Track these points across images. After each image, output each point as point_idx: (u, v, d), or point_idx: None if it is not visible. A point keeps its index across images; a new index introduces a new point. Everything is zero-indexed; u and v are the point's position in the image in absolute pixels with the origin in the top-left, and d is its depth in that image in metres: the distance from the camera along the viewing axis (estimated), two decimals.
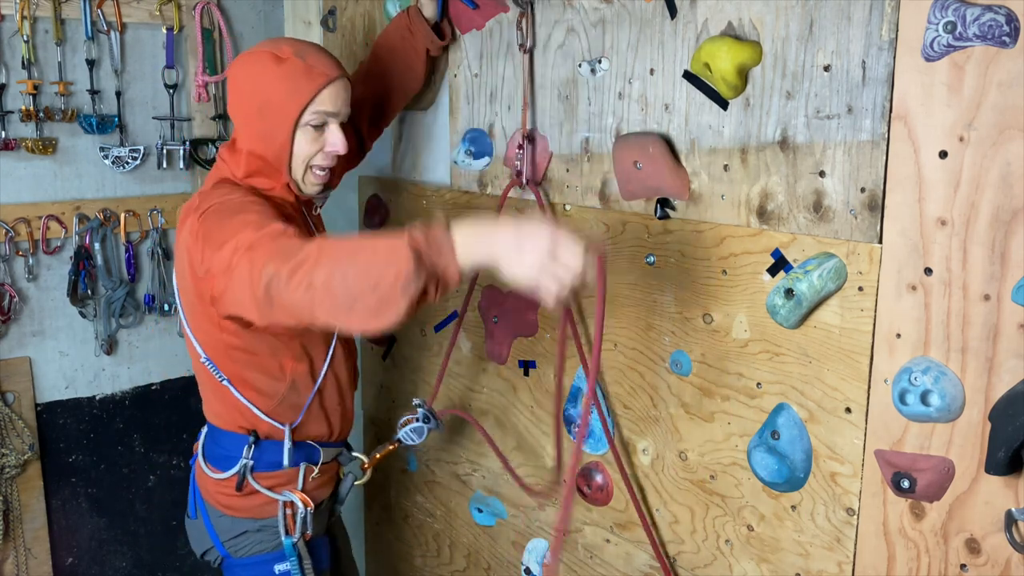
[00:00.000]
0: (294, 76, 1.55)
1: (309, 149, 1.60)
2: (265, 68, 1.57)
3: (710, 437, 1.57)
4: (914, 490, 1.26)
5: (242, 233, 1.37)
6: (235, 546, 1.73)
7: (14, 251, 2.31)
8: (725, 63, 1.40)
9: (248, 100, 1.59)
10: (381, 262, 1.21)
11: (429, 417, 1.91)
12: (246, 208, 1.48)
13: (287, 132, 1.57)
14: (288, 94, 1.55)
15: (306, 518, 1.70)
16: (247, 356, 1.63)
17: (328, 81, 1.57)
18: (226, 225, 1.43)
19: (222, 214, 1.48)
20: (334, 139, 1.60)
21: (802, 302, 1.34)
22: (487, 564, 2.16)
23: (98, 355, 2.49)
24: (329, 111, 1.59)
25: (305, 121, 1.57)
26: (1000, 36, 1.11)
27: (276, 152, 1.59)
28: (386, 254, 1.21)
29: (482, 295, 2.03)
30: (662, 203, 1.59)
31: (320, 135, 1.60)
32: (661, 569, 1.66)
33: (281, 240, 1.34)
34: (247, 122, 1.61)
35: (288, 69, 1.56)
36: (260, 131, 1.59)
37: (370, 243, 1.24)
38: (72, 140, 2.36)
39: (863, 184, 1.29)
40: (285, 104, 1.56)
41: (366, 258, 1.23)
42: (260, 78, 1.57)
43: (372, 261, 1.22)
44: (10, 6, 2.21)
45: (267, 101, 1.57)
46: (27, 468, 2.36)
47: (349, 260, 1.24)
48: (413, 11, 1.93)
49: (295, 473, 1.72)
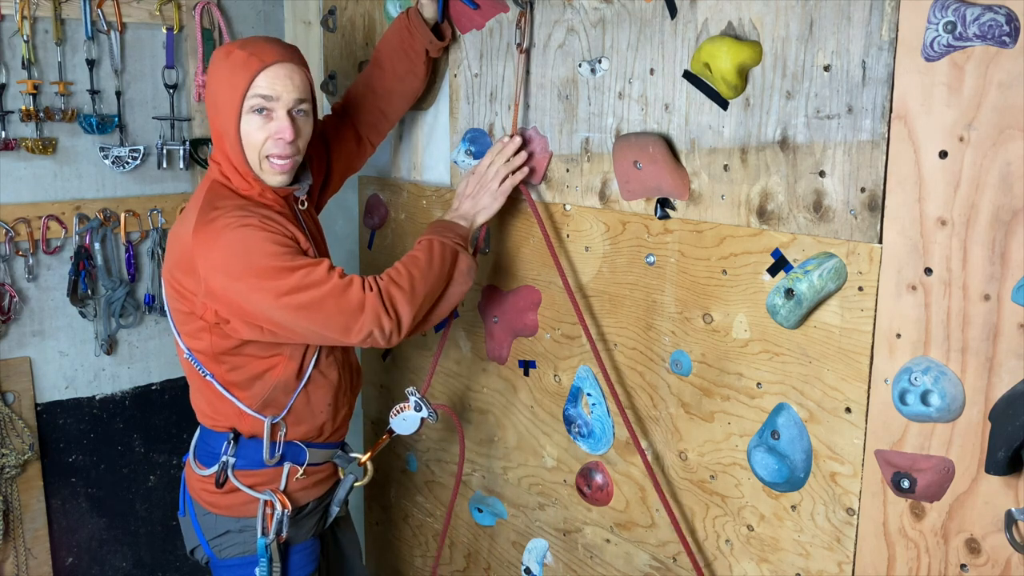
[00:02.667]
0: (234, 67, 1.58)
1: (257, 137, 1.60)
2: (216, 66, 1.62)
3: (710, 437, 1.57)
4: (914, 490, 1.26)
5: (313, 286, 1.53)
6: (219, 546, 1.74)
7: (14, 251, 2.31)
8: (725, 63, 1.40)
9: (208, 100, 1.65)
10: (448, 273, 1.68)
11: (421, 405, 1.86)
12: (265, 246, 1.53)
13: (234, 122, 1.59)
14: (229, 85, 1.58)
15: (283, 520, 1.69)
16: (233, 358, 1.64)
17: (263, 66, 1.57)
18: (258, 271, 1.52)
19: (242, 254, 1.53)
20: (278, 125, 1.59)
21: (802, 302, 1.34)
22: (487, 564, 2.16)
23: (98, 355, 2.49)
24: (266, 94, 1.58)
25: (247, 108, 1.58)
26: (1000, 36, 1.11)
27: (232, 144, 1.61)
28: (443, 264, 1.67)
29: (482, 295, 2.04)
30: (662, 203, 1.59)
31: (267, 122, 1.60)
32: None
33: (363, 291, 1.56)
34: (211, 121, 1.66)
35: (231, 62, 1.59)
36: (218, 127, 1.63)
37: (432, 266, 1.65)
38: (72, 140, 2.36)
39: (863, 184, 1.29)
40: (228, 95, 1.58)
41: (438, 276, 1.66)
42: (213, 74, 1.63)
43: (441, 275, 1.66)
44: (10, 6, 2.21)
45: (215, 96, 1.61)
46: (27, 468, 2.36)
47: (434, 284, 1.65)
48: (412, 12, 1.93)
49: (278, 473, 1.72)
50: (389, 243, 2.35)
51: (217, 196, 1.62)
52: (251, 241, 1.52)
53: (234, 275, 1.52)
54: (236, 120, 1.59)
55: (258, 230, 1.53)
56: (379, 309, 1.55)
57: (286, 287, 1.50)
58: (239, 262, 1.52)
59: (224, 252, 1.52)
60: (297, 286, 1.51)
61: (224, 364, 1.64)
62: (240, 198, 1.63)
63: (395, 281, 1.59)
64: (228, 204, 1.59)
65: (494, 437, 2.07)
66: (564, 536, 1.92)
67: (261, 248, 1.52)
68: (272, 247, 1.52)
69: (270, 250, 1.52)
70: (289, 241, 1.56)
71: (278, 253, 1.52)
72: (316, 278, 1.52)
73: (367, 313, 1.54)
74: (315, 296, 1.51)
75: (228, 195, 1.63)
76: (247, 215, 1.56)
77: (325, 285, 1.52)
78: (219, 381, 1.66)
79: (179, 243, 1.59)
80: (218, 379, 1.66)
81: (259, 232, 1.53)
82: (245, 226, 1.53)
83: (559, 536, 1.93)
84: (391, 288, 1.57)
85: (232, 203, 1.60)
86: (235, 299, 1.53)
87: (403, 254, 2.25)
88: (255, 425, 1.69)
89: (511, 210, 1.92)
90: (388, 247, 2.35)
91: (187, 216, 1.61)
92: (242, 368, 1.64)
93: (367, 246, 2.44)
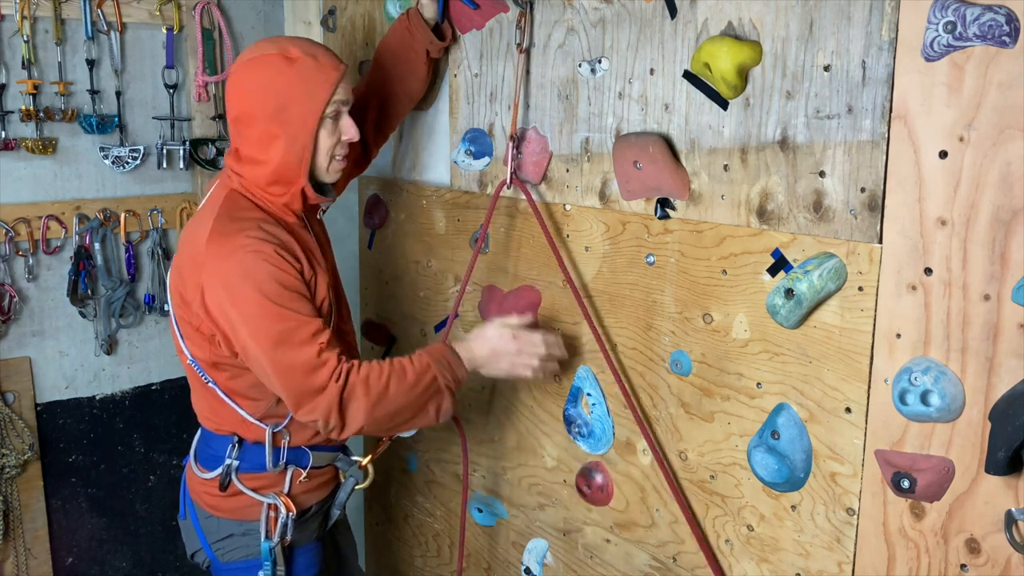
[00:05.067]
0: (307, 75, 1.57)
1: (330, 141, 1.63)
2: (278, 71, 1.56)
3: (710, 437, 1.57)
4: (914, 490, 1.26)
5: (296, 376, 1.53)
6: (221, 549, 1.73)
7: (14, 251, 2.31)
8: (725, 63, 1.40)
9: (261, 105, 1.57)
10: (423, 405, 1.61)
11: None
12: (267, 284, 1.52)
13: (311, 131, 1.58)
14: (308, 93, 1.57)
15: (287, 523, 1.69)
16: (234, 367, 1.63)
17: (340, 75, 1.60)
18: (252, 310, 1.51)
19: (243, 284, 1.51)
20: (348, 127, 1.64)
21: (802, 302, 1.34)
22: (487, 564, 2.16)
23: (98, 355, 2.49)
24: (344, 100, 1.63)
25: (327, 114, 1.60)
26: (1000, 36, 1.11)
27: (299, 152, 1.59)
28: (424, 394, 1.60)
29: (482, 295, 2.04)
30: (662, 203, 1.59)
31: (336, 126, 1.63)
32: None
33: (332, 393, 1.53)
34: (262, 127, 1.58)
35: (300, 69, 1.57)
36: (278, 135, 1.58)
37: (415, 390, 1.58)
38: (72, 140, 2.36)
39: (863, 184, 1.29)
40: (307, 103, 1.57)
41: (414, 402, 1.60)
42: (274, 81, 1.56)
43: (418, 404, 1.60)
44: (10, 6, 2.21)
45: (285, 104, 1.56)
46: (27, 468, 2.36)
47: (405, 406, 1.59)
48: (412, 13, 1.93)
49: (281, 476, 1.71)
50: (389, 243, 2.35)
51: (236, 207, 1.60)
52: (259, 273, 1.51)
53: (231, 297, 1.52)
54: (315, 128, 1.59)
55: (269, 263, 1.52)
56: (333, 405, 1.52)
57: (271, 333, 1.50)
58: (240, 287, 1.51)
59: (230, 272, 1.52)
60: (279, 339, 1.50)
61: (225, 372, 1.64)
62: (259, 211, 1.62)
63: (368, 383, 1.54)
64: (248, 218, 1.58)
65: (494, 437, 2.07)
66: (564, 536, 1.92)
67: (266, 284, 1.51)
68: (275, 287, 1.51)
69: (272, 289, 1.51)
70: (295, 281, 1.54)
71: (278, 294, 1.51)
72: (299, 339, 1.51)
73: (320, 402, 1.52)
74: (288, 359, 1.51)
75: (248, 207, 1.61)
76: (264, 240, 1.54)
77: (302, 353, 1.51)
78: (221, 388, 1.66)
79: (191, 245, 1.59)
80: (220, 386, 1.66)
81: (269, 266, 1.52)
82: (258, 252, 1.52)
83: (559, 536, 1.93)
84: (357, 388, 1.53)
85: (252, 217, 1.59)
86: (222, 319, 1.54)
87: (403, 254, 2.26)
88: (258, 432, 1.69)
89: (511, 210, 1.92)
90: (388, 247, 2.35)
91: (203, 220, 1.60)
92: (243, 377, 1.64)
93: (367, 246, 2.44)
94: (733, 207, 1.48)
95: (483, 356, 1.67)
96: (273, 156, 1.59)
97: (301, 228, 1.68)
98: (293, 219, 1.66)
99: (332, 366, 1.52)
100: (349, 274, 2.51)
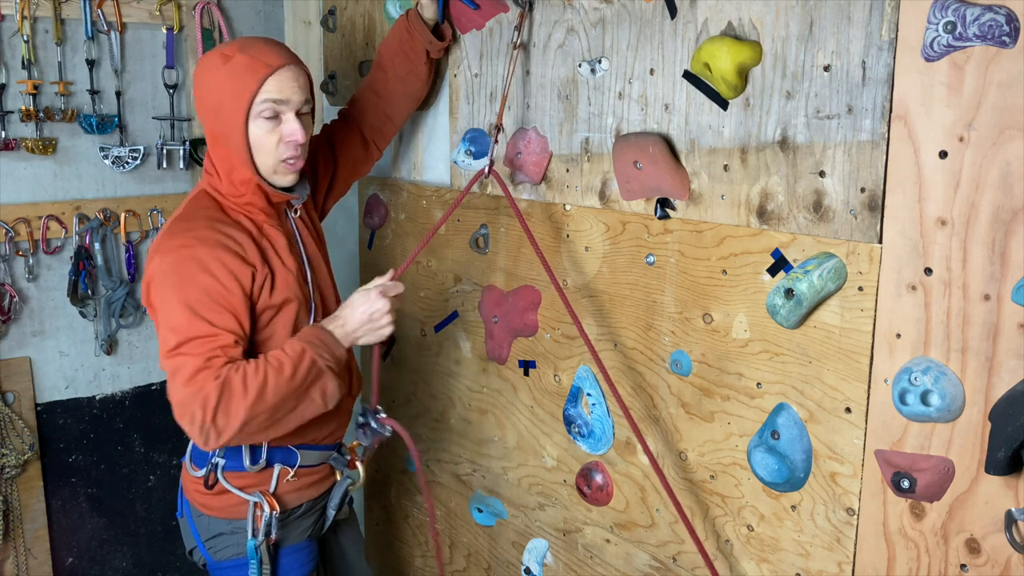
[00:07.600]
0: (238, 72, 1.57)
1: (268, 141, 1.60)
2: (215, 70, 1.59)
3: (710, 437, 1.57)
4: (914, 490, 1.26)
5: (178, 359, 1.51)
6: (214, 547, 1.74)
7: (14, 251, 2.31)
8: (725, 63, 1.40)
9: (204, 104, 1.62)
10: (307, 391, 1.57)
11: (365, 416, 1.78)
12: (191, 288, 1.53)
13: (241, 128, 1.58)
14: (235, 90, 1.57)
15: (270, 522, 1.68)
16: None
17: (271, 71, 1.57)
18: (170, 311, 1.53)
19: (171, 284, 1.54)
20: (290, 128, 1.60)
21: (802, 302, 1.34)
22: (487, 564, 2.16)
23: (98, 355, 2.49)
24: (277, 99, 1.58)
25: (255, 113, 1.58)
26: (1000, 36, 1.11)
27: (237, 149, 1.60)
28: (304, 380, 1.56)
29: (482, 295, 2.04)
30: (662, 203, 1.59)
31: (276, 126, 1.60)
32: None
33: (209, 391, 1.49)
34: (209, 126, 1.63)
35: (233, 66, 1.57)
36: (220, 132, 1.61)
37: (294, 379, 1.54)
38: (72, 140, 2.36)
39: (863, 184, 1.29)
40: (234, 100, 1.57)
41: (295, 391, 1.55)
42: (211, 80, 1.60)
43: (300, 391, 1.56)
44: (10, 6, 2.21)
45: (219, 102, 1.59)
46: (27, 468, 2.36)
47: (287, 397, 1.54)
48: (412, 14, 1.93)
49: (268, 475, 1.71)
50: (389, 243, 2.35)
51: (198, 206, 1.63)
52: (186, 276, 1.53)
53: (157, 293, 1.56)
54: (243, 126, 1.58)
55: (199, 268, 1.53)
56: (209, 404, 1.48)
57: (179, 333, 1.51)
58: (163, 285, 1.55)
59: (160, 270, 1.55)
60: (178, 344, 1.51)
61: None
62: (220, 211, 1.63)
63: (245, 378, 1.50)
64: (201, 216, 1.60)
65: (494, 437, 2.07)
66: (564, 536, 1.92)
67: (188, 288, 1.52)
68: (198, 294, 1.52)
69: (193, 295, 1.52)
70: (223, 292, 1.54)
71: (198, 300, 1.52)
72: (197, 349, 1.50)
73: (195, 403, 1.48)
74: (176, 363, 1.51)
75: (210, 206, 1.63)
76: (206, 242, 1.55)
77: (191, 362, 1.49)
78: None
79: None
80: None
81: (200, 273, 1.53)
82: (193, 257, 1.54)
83: (559, 536, 1.93)
84: (235, 383, 1.49)
85: (207, 216, 1.61)
86: (151, 314, 1.59)
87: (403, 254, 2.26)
88: None
89: (511, 210, 1.92)
90: (388, 247, 2.35)
91: (169, 219, 1.66)
92: None
93: (367, 246, 2.44)
94: (733, 207, 1.48)
95: (355, 325, 1.63)
96: (222, 155, 1.63)
97: (272, 227, 1.67)
98: (263, 217, 1.66)
99: (214, 369, 1.50)
100: (349, 274, 2.51)
